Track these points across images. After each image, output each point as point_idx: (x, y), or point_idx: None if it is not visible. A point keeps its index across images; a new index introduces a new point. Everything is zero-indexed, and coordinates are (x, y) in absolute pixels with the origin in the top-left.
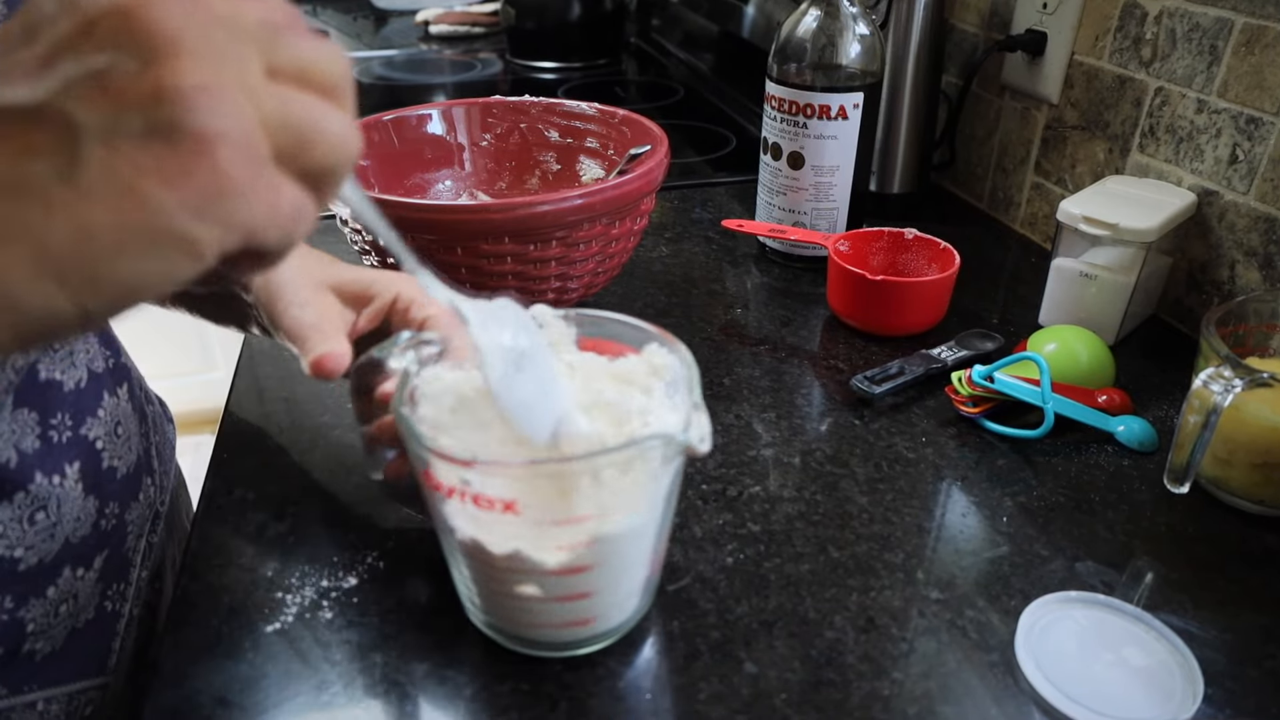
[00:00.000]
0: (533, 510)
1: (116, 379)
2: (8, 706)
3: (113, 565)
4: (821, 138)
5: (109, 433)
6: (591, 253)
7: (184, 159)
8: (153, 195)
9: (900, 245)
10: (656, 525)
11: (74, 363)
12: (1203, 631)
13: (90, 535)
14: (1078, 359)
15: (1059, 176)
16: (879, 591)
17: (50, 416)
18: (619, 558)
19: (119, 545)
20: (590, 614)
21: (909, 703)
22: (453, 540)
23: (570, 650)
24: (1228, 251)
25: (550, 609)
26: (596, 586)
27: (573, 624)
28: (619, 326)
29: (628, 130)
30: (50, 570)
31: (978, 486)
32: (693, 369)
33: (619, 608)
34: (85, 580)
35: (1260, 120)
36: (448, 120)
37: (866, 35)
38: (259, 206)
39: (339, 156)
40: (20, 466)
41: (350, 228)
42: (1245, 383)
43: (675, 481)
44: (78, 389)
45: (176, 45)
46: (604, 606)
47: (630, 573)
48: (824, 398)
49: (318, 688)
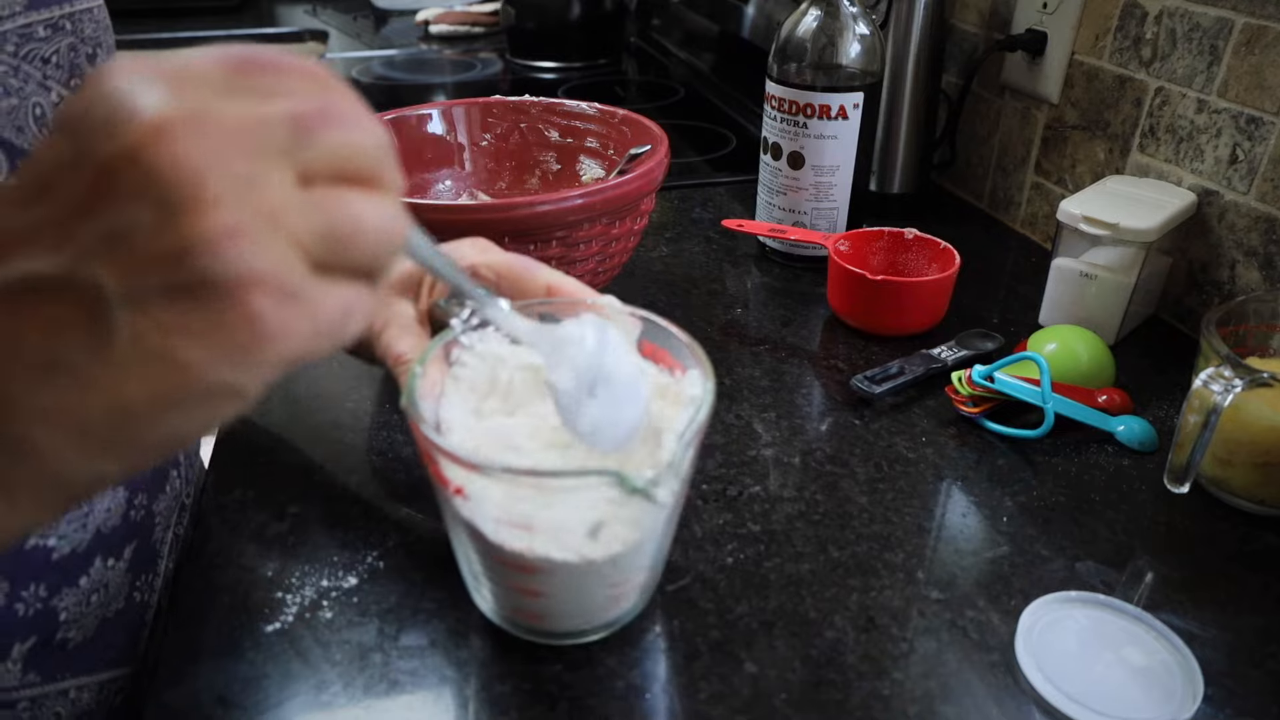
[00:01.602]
0: (515, 510)
1: None
2: (41, 694)
3: (142, 556)
4: (821, 137)
5: None
6: (591, 253)
7: (215, 313)
8: (187, 355)
9: (900, 245)
10: (655, 540)
11: None
12: (1203, 631)
13: (120, 526)
14: (1078, 359)
15: (1059, 176)
16: (879, 591)
17: None
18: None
19: (147, 536)
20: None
21: (909, 703)
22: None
23: (572, 639)
24: (1228, 251)
25: (554, 602)
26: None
27: (574, 614)
28: (674, 340)
29: (628, 130)
30: (83, 560)
31: (978, 486)
32: (700, 411)
33: (586, 613)
34: (115, 570)
35: (1260, 120)
36: (448, 120)
37: (866, 35)
38: (299, 335)
39: (383, 247)
40: None
41: None
42: (1245, 382)
43: (676, 503)
44: None
45: (194, 189)
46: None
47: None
48: (824, 397)
49: (318, 687)
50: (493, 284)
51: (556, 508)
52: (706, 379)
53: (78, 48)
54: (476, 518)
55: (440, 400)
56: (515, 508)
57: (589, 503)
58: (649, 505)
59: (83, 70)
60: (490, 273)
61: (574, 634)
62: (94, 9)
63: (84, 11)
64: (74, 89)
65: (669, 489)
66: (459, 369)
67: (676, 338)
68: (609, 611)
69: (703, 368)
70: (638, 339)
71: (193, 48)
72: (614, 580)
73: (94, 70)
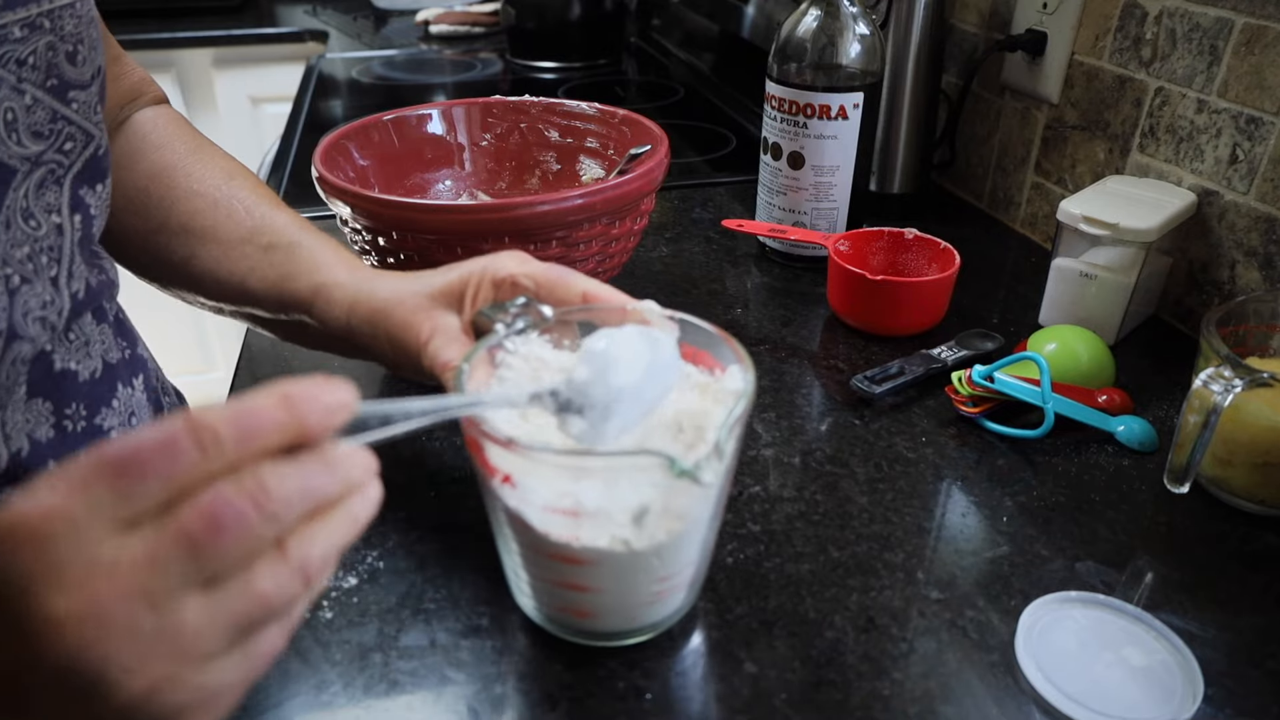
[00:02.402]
0: (557, 496)
1: (132, 370)
2: None
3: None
4: (821, 137)
5: (124, 424)
6: (592, 252)
7: None
8: None
9: (900, 245)
10: (700, 531)
11: (89, 353)
12: (1203, 631)
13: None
14: (1078, 359)
15: (1059, 176)
16: (879, 591)
17: (65, 407)
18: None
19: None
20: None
21: (909, 703)
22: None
23: (619, 640)
24: (1228, 251)
25: (601, 597)
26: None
27: (614, 612)
28: (712, 339)
29: (628, 130)
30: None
31: (978, 486)
32: (740, 402)
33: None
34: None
35: (1260, 120)
36: (448, 120)
37: (866, 35)
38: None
39: (290, 608)
40: (33, 456)
41: (350, 228)
42: (1245, 383)
43: (719, 494)
44: (93, 379)
45: (101, 674)
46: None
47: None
48: (824, 397)
49: (317, 688)
50: (532, 292)
51: (603, 495)
52: (746, 371)
53: (56, 46)
54: (524, 506)
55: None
56: (562, 495)
57: (634, 488)
58: (694, 493)
59: (61, 70)
60: (529, 281)
61: (621, 634)
62: (76, 3)
63: (64, 7)
64: (50, 90)
65: (714, 471)
66: (504, 371)
67: (714, 336)
68: (656, 609)
69: (743, 362)
70: (678, 342)
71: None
72: (660, 574)
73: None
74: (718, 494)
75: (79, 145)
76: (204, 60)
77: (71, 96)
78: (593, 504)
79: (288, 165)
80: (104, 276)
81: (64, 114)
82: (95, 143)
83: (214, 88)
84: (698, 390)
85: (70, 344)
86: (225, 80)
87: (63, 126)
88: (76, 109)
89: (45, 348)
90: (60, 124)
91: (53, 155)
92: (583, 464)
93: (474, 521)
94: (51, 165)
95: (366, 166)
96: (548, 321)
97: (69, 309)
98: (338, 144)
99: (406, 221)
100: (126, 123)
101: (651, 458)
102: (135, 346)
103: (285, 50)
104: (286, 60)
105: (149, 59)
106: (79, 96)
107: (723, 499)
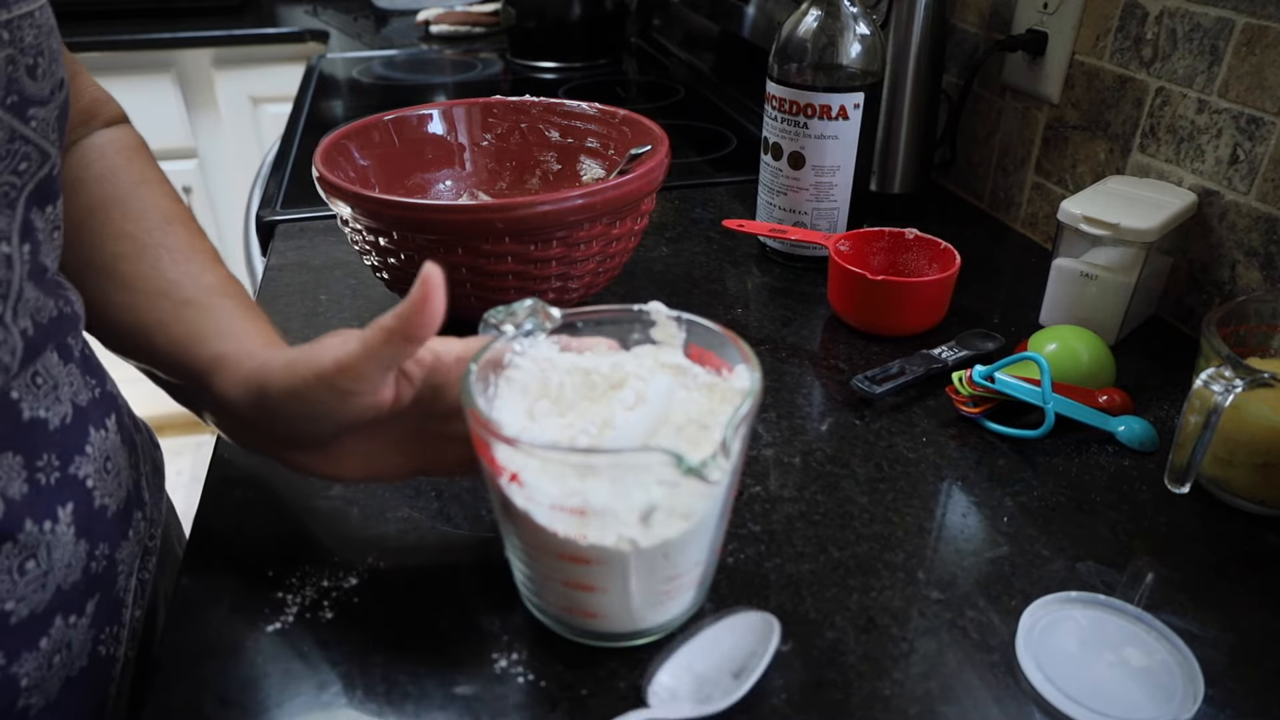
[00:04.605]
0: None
1: (104, 410)
2: None
3: (105, 609)
4: (822, 138)
5: (99, 469)
6: (592, 253)
7: None
8: None
9: (901, 245)
10: (708, 530)
11: (59, 397)
12: (1203, 632)
13: (81, 580)
14: (1078, 359)
15: (1060, 176)
16: (879, 591)
17: (36, 459)
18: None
19: (110, 587)
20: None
21: (910, 703)
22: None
23: (627, 641)
24: (1228, 251)
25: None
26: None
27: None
28: (718, 339)
29: (628, 130)
30: (42, 620)
31: (978, 486)
32: (747, 400)
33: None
34: (78, 627)
35: (1261, 120)
36: (448, 120)
37: (867, 35)
38: None
39: None
40: (8, 515)
41: (350, 228)
42: (1246, 383)
43: (727, 493)
44: (64, 426)
45: None
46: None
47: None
48: (824, 398)
49: (318, 688)
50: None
51: (610, 493)
52: (753, 370)
53: (16, 60)
54: (530, 505)
55: (493, 402)
56: (570, 494)
57: (642, 487)
58: (701, 491)
59: (21, 85)
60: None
61: (629, 635)
62: (35, 11)
63: (24, 17)
64: (10, 107)
65: (721, 469)
66: (511, 371)
67: (721, 336)
68: (664, 609)
69: (749, 361)
70: (684, 344)
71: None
72: (668, 573)
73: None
74: (725, 492)
75: (34, 165)
76: (204, 60)
77: (31, 114)
78: (600, 502)
79: (288, 165)
80: (68, 309)
81: (22, 133)
82: (50, 162)
83: (214, 88)
84: (705, 390)
85: (37, 389)
86: (226, 80)
87: (20, 146)
88: (35, 126)
89: (12, 395)
90: (18, 144)
91: (7, 177)
92: (589, 462)
93: (477, 521)
94: (5, 188)
95: (367, 166)
96: (556, 323)
97: (22, 347)
98: (338, 144)
99: (407, 221)
100: (75, 147)
101: (659, 455)
102: (104, 383)
103: (286, 50)
104: (287, 60)
105: (149, 59)
106: (38, 114)
107: (730, 498)
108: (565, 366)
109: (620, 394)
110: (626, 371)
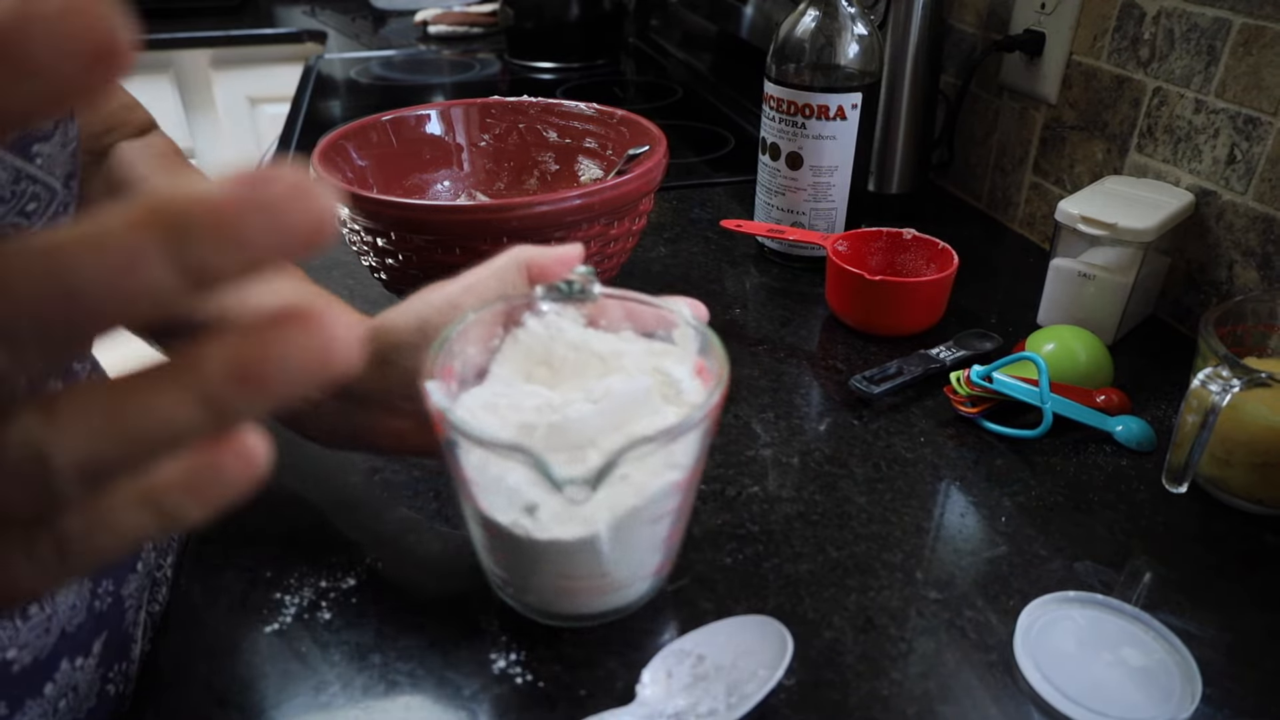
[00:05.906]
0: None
1: None
2: None
3: (113, 646)
4: (820, 138)
5: None
6: (590, 253)
7: None
8: None
9: (899, 245)
10: (609, 546)
11: None
12: (1201, 631)
13: (86, 620)
14: (1076, 359)
15: (1057, 176)
16: (878, 591)
17: None
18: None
19: (118, 623)
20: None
21: (908, 703)
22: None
23: (577, 622)
24: (1226, 251)
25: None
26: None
27: (581, 592)
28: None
29: (626, 130)
30: (47, 666)
31: (976, 486)
32: (667, 424)
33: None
34: (84, 669)
35: (1258, 120)
36: (446, 121)
37: (865, 35)
38: None
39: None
40: None
41: (348, 228)
42: (1243, 382)
43: (652, 503)
44: None
45: None
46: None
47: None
48: (823, 398)
49: (316, 688)
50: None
51: (505, 478)
52: (712, 393)
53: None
54: (468, 466)
55: (495, 355)
56: (488, 467)
57: (527, 483)
58: (600, 501)
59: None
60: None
61: (557, 616)
62: None
63: None
64: (12, 146)
65: (582, 493)
66: (521, 331)
67: (716, 351)
68: (574, 604)
69: (708, 384)
70: (695, 356)
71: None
72: (565, 570)
73: None
74: (645, 503)
75: (42, 205)
76: (202, 61)
77: (36, 150)
78: (494, 485)
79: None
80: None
81: (28, 172)
82: (59, 199)
83: (212, 88)
84: (686, 408)
85: None
86: (223, 81)
87: (26, 186)
88: (41, 164)
89: None
90: (24, 184)
91: (14, 219)
92: (464, 439)
93: None
94: (12, 231)
95: (365, 167)
96: (595, 298)
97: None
98: (336, 144)
99: (405, 222)
100: (100, 157)
101: (523, 456)
102: None
103: (284, 51)
104: (285, 61)
105: (146, 59)
106: (43, 149)
107: (665, 507)
108: (570, 340)
109: (598, 383)
110: (621, 363)
